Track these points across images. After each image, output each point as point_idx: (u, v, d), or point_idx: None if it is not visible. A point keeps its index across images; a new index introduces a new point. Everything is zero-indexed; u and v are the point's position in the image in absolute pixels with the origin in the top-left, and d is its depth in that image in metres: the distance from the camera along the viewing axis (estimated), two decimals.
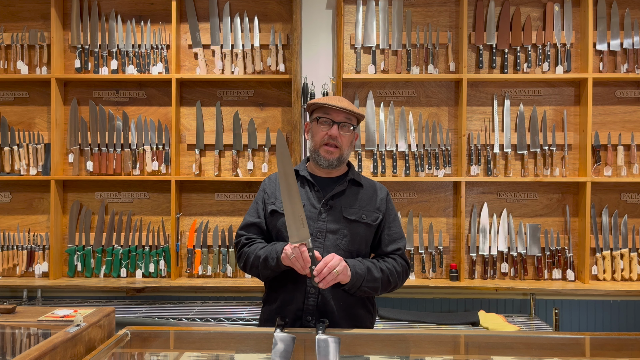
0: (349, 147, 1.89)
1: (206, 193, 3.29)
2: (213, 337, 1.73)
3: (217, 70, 3.23)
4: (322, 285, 1.63)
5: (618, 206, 3.22)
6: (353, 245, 1.85)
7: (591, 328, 3.10)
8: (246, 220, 1.94)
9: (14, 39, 3.26)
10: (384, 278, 1.80)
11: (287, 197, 1.62)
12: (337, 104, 1.82)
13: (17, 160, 3.26)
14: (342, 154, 1.86)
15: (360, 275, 1.73)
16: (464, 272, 3.14)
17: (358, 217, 1.86)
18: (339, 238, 1.82)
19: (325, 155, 1.84)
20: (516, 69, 3.20)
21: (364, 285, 1.75)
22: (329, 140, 1.83)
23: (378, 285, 1.79)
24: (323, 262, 1.64)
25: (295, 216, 1.61)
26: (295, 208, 1.61)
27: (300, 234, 1.61)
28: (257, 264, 1.79)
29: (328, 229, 1.82)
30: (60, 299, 3.16)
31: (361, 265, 1.76)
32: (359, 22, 3.23)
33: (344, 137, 1.85)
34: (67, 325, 1.47)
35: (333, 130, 1.83)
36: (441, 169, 3.20)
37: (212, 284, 3.08)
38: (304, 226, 1.61)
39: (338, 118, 1.83)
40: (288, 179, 1.62)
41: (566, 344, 1.70)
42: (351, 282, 1.71)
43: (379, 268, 1.81)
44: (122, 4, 3.30)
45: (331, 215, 1.84)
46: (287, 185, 1.62)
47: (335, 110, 1.83)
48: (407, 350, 1.71)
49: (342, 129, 1.84)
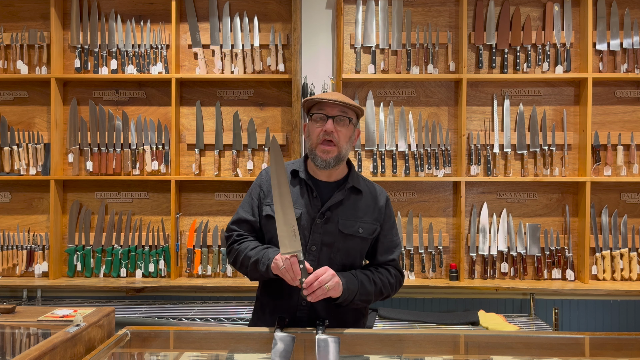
0: (348, 143, 1.78)
1: (206, 193, 3.29)
2: (213, 337, 1.73)
3: (216, 70, 3.23)
4: (311, 299, 1.60)
5: (618, 206, 3.22)
6: (347, 259, 1.81)
7: (591, 328, 3.10)
8: (239, 215, 1.87)
9: (13, 38, 3.26)
10: (377, 291, 1.78)
11: (280, 206, 1.57)
12: (331, 97, 1.73)
13: (16, 160, 3.26)
14: (339, 152, 1.75)
15: (352, 291, 1.70)
16: (463, 272, 3.14)
17: (354, 231, 1.79)
18: (334, 252, 1.78)
19: (321, 156, 1.74)
20: (516, 69, 3.20)
21: (356, 300, 1.73)
22: (325, 137, 1.73)
23: (370, 298, 1.77)
24: (314, 275, 1.60)
25: (287, 226, 1.56)
26: (287, 218, 1.56)
27: (291, 244, 1.56)
28: (247, 264, 1.76)
29: (323, 242, 1.77)
30: (60, 299, 3.16)
31: (354, 280, 1.72)
32: (358, 22, 3.23)
33: (341, 132, 1.74)
34: (66, 325, 1.47)
35: (328, 125, 1.73)
36: (441, 168, 3.20)
37: (212, 284, 3.08)
38: (295, 238, 1.56)
39: (333, 112, 1.74)
40: (281, 187, 1.57)
41: (566, 344, 1.70)
42: (343, 297, 1.68)
43: (372, 281, 1.77)
44: (121, 4, 3.29)
45: (327, 228, 1.78)
46: (280, 194, 1.57)
47: (329, 105, 1.74)
48: (407, 350, 1.71)
49: (338, 123, 1.74)
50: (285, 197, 1.57)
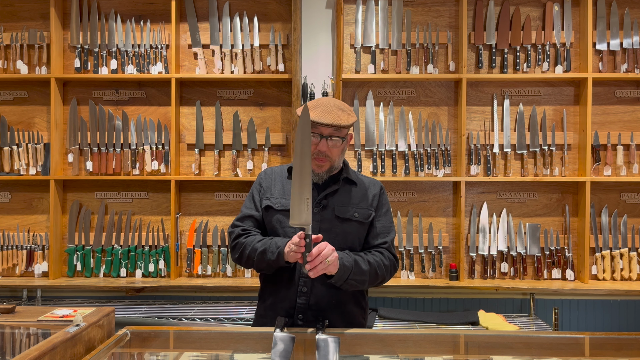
0: (341, 156, 1.87)
1: (206, 193, 3.29)
2: (213, 336, 1.73)
3: (216, 70, 3.23)
4: (312, 274, 1.62)
5: (617, 206, 3.22)
6: (345, 243, 1.85)
7: (591, 328, 3.10)
8: (243, 212, 1.94)
9: (13, 38, 3.26)
10: (371, 271, 1.80)
11: (298, 177, 1.57)
12: (324, 119, 1.77)
13: (16, 160, 3.26)
14: (332, 165, 1.85)
15: (347, 268, 1.72)
16: (463, 272, 3.14)
17: (350, 215, 1.87)
18: (332, 237, 1.82)
19: (315, 169, 1.83)
20: (516, 69, 3.20)
21: (350, 278, 1.74)
22: (319, 155, 1.81)
23: (365, 278, 1.78)
24: (317, 248, 1.63)
25: (302, 198, 1.56)
26: (303, 190, 1.56)
27: (302, 217, 1.57)
28: (254, 256, 1.79)
29: (321, 228, 1.83)
30: (59, 299, 3.16)
31: (349, 258, 1.75)
32: (358, 21, 3.23)
33: (333, 150, 1.82)
34: (66, 325, 1.47)
35: (321, 145, 1.80)
36: (441, 168, 3.20)
37: (212, 284, 3.08)
38: (307, 210, 1.56)
39: (326, 132, 1.80)
40: (304, 159, 1.57)
41: (566, 344, 1.71)
42: (338, 274, 1.70)
43: (367, 261, 1.80)
44: (121, 4, 3.29)
45: (324, 215, 1.85)
46: (301, 166, 1.57)
47: (323, 125, 1.79)
48: (407, 350, 1.71)
49: (330, 141, 1.81)
50: (305, 169, 1.57)
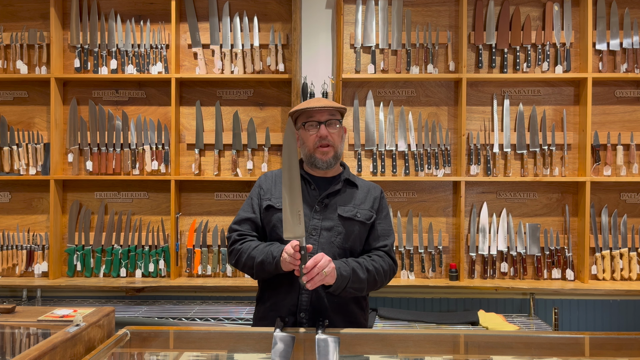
0: (341, 143, 1.94)
1: (206, 193, 3.29)
2: (212, 336, 1.73)
3: (216, 70, 3.23)
4: (310, 286, 1.62)
5: (617, 206, 3.22)
6: (347, 242, 1.86)
7: (590, 328, 3.10)
8: (240, 216, 1.94)
9: (13, 38, 3.26)
10: (370, 278, 1.80)
11: (288, 191, 1.60)
12: (317, 104, 1.87)
13: (16, 160, 3.26)
14: (336, 151, 1.90)
15: (344, 278, 1.73)
16: (463, 272, 3.14)
17: (352, 214, 1.88)
18: (334, 235, 1.83)
19: (321, 157, 1.88)
20: (516, 69, 3.20)
21: (348, 287, 1.74)
22: (321, 142, 1.87)
23: (363, 286, 1.79)
24: (313, 260, 1.62)
25: (293, 211, 1.59)
26: (294, 202, 1.60)
27: (295, 230, 1.59)
28: (252, 264, 1.80)
29: (323, 227, 1.84)
30: (59, 299, 3.16)
31: (346, 267, 1.75)
32: (358, 21, 3.23)
33: (334, 134, 1.89)
34: (66, 325, 1.47)
35: (322, 130, 1.86)
36: (441, 168, 3.20)
37: (212, 284, 3.08)
38: (300, 223, 1.59)
39: (323, 118, 1.88)
40: (292, 171, 1.61)
41: (566, 344, 1.71)
42: (336, 283, 1.71)
43: (365, 268, 1.80)
44: (121, 4, 3.29)
45: (326, 213, 1.87)
46: (289, 178, 1.61)
47: (317, 111, 1.87)
48: (407, 350, 1.71)
49: (330, 126, 1.88)
50: (294, 182, 1.61)
